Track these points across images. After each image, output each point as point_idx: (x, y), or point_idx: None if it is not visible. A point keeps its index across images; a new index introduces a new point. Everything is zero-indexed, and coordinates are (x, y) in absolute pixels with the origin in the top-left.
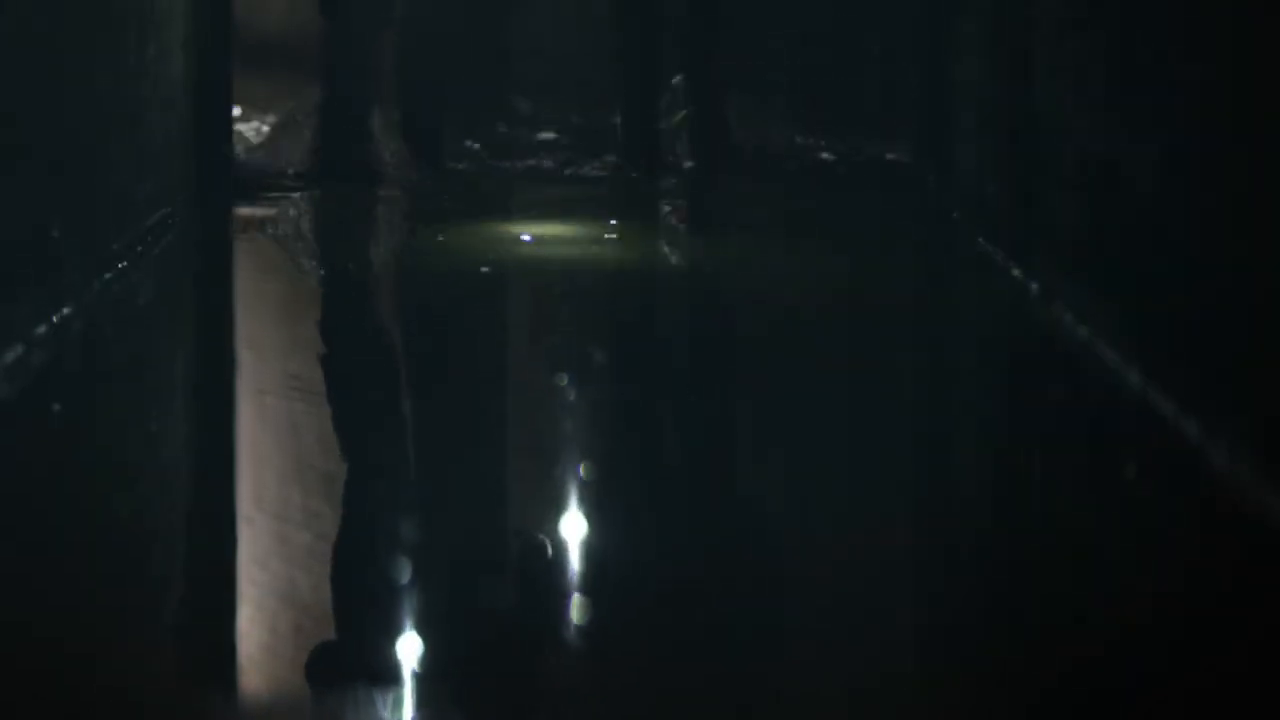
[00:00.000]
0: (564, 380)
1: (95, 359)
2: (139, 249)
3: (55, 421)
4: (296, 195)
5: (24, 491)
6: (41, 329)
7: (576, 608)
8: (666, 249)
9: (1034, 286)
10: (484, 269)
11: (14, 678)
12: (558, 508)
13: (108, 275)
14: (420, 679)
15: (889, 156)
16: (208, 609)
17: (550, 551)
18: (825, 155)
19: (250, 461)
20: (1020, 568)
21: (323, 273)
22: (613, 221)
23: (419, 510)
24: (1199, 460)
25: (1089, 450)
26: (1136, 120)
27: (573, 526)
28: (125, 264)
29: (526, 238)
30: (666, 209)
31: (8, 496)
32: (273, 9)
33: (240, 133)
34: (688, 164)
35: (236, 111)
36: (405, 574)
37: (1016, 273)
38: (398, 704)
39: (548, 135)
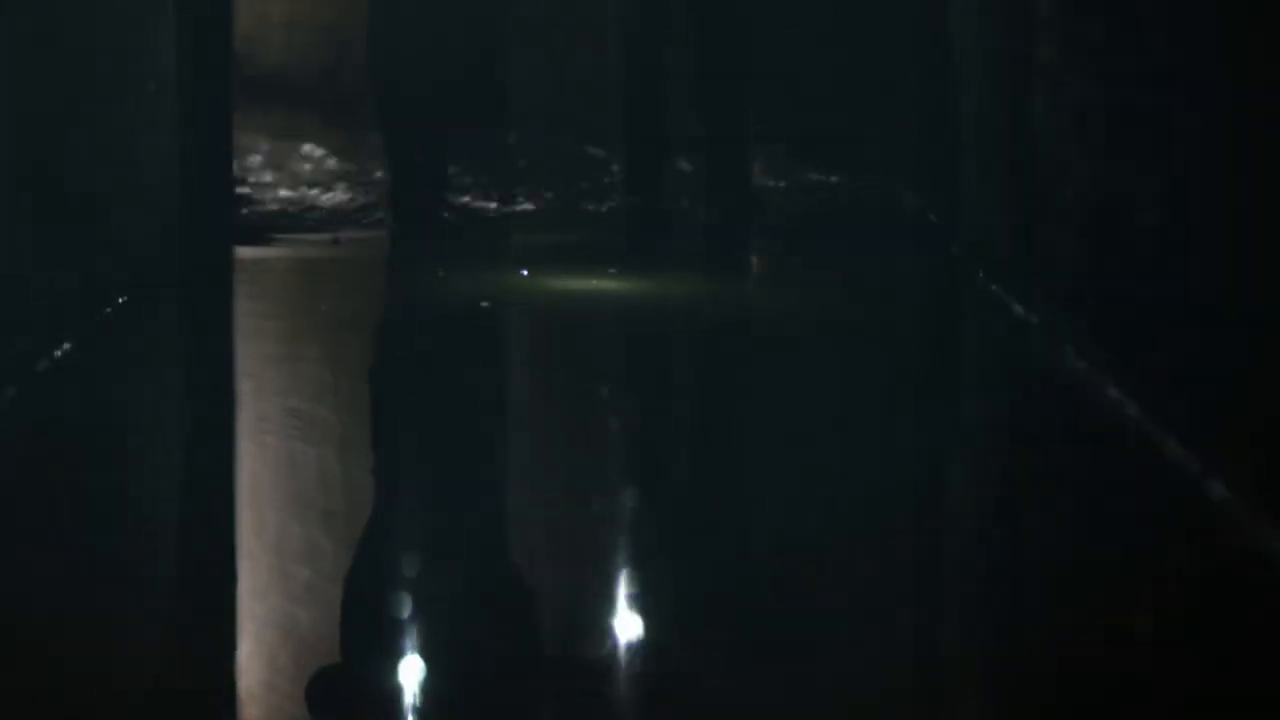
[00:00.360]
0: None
1: (95, 394)
2: (138, 285)
3: (51, 454)
4: (307, 237)
5: (20, 520)
6: (42, 364)
7: (575, 644)
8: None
9: (1035, 320)
10: (484, 303)
11: (15, 712)
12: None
13: (108, 309)
14: (420, 711)
15: (889, 195)
16: (207, 645)
17: (538, 590)
18: (827, 194)
19: (252, 498)
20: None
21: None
22: (611, 270)
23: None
24: (1199, 496)
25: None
26: (1138, 157)
27: (576, 563)
28: (125, 299)
29: (524, 272)
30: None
31: (5, 526)
32: (273, 43)
33: (245, 170)
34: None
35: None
36: (408, 606)
37: (1018, 310)
38: None
39: (548, 174)
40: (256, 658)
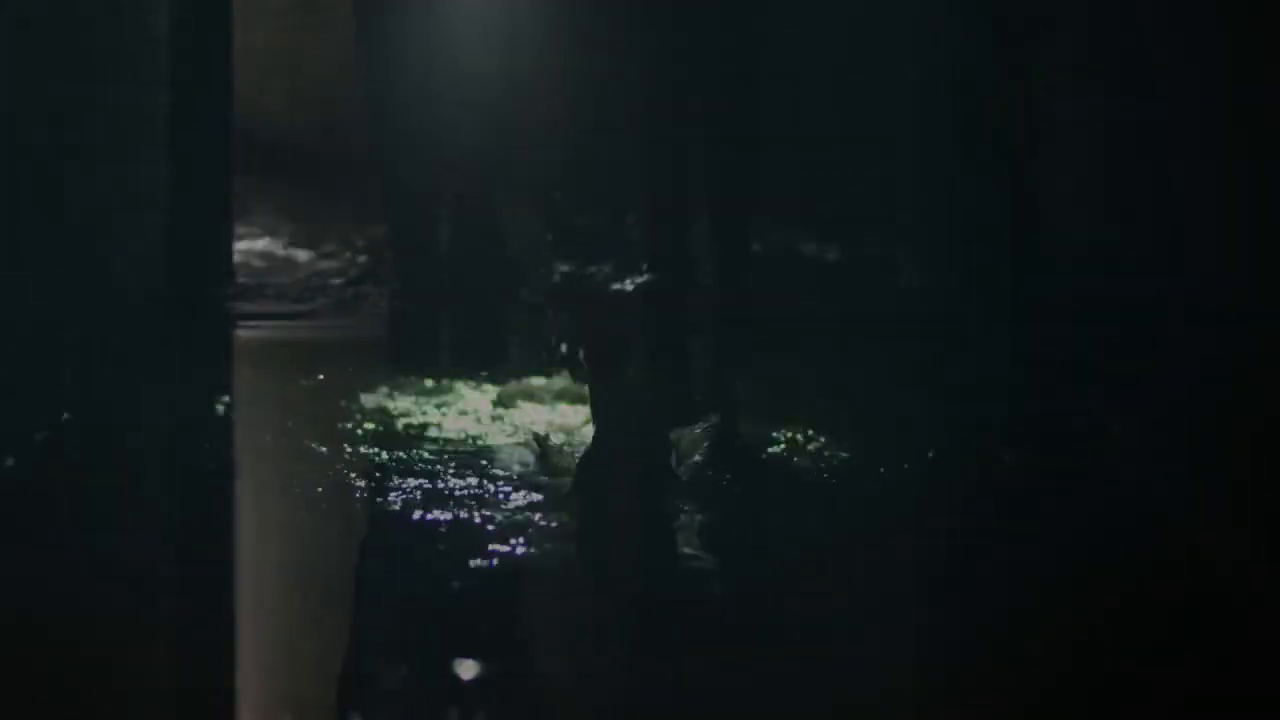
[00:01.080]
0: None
1: (95, 459)
2: (139, 349)
3: (50, 519)
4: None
5: (17, 589)
6: (42, 434)
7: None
8: None
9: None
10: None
11: None
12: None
13: (106, 376)
14: None
15: (885, 257)
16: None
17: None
18: (821, 259)
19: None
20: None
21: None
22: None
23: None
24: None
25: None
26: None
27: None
28: (125, 363)
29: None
30: None
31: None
32: (274, 105)
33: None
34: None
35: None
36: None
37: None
38: None
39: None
40: None
